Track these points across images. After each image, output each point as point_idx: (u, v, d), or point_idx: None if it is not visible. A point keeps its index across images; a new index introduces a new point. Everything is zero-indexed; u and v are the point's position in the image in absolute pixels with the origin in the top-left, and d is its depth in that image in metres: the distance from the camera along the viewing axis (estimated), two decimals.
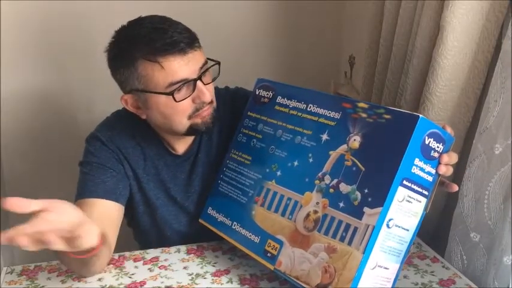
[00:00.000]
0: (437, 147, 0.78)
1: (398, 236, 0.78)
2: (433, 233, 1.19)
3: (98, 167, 0.99)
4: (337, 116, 0.85)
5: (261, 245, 0.88)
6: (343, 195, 0.80)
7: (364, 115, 0.82)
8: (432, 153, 0.78)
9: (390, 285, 0.79)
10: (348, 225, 0.78)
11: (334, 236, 0.79)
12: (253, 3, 1.62)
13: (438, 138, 0.78)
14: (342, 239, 0.77)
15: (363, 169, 0.79)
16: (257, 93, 1.01)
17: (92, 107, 1.55)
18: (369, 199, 0.76)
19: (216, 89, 1.12)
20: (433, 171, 0.79)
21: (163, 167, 1.06)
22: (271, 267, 0.85)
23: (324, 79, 1.73)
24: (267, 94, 0.99)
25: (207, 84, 0.95)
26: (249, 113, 1.01)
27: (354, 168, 0.80)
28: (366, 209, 0.76)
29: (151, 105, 0.94)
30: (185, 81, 0.91)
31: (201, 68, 0.93)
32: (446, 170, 0.80)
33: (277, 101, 0.97)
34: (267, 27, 1.67)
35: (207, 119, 0.97)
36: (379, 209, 0.74)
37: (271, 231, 0.87)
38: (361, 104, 0.83)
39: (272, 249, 0.86)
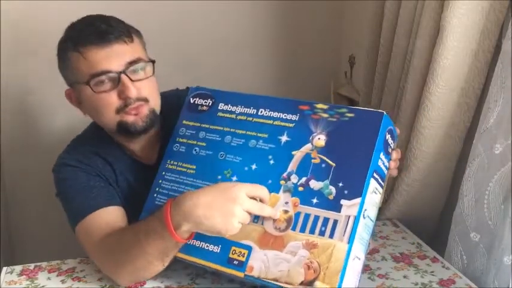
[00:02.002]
0: (392, 143, 0.85)
1: (368, 226, 0.81)
2: (433, 233, 1.19)
3: (81, 187, 0.97)
4: (294, 118, 0.87)
5: (224, 254, 0.83)
6: (315, 192, 0.81)
7: (325, 115, 0.85)
8: (389, 149, 0.84)
9: (359, 278, 0.80)
10: (326, 220, 0.79)
11: (312, 232, 0.79)
12: (253, 3, 1.62)
13: (392, 135, 0.85)
14: (322, 233, 0.78)
15: (334, 165, 0.81)
16: (192, 101, 0.97)
17: None
18: (345, 192, 0.79)
19: (177, 91, 1.10)
20: (387, 165, 0.85)
21: (135, 180, 1.03)
22: (241, 275, 0.81)
23: (324, 79, 1.73)
24: (205, 102, 0.96)
25: (135, 80, 0.92)
26: (184, 122, 0.96)
27: (324, 165, 0.82)
28: (343, 201, 0.79)
29: (82, 98, 0.95)
30: (106, 73, 0.90)
31: (130, 63, 0.92)
32: (395, 165, 0.87)
33: (219, 108, 0.94)
34: (267, 27, 1.67)
35: (138, 119, 0.94)
36: (358, 200, 0.78)
37: (234, 238, 0.82)
38: (320, 105, 0.86)
39: (239, 255, 0.82)
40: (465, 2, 0.93)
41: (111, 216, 0.95)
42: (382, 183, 0.84)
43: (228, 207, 0.77)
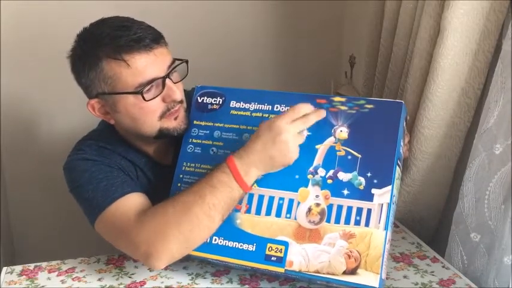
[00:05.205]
0: (405, 130, 0.88)
1: (394, 210, 0.84)
2: (433, 233, 1.19)
3: (105, 176, 0.93)
4: None
5: (260, 252, 0.84)
6: (344, 183, 0.83)
7: (343, 108, 0.87)
8: (404, 135, 0.87)
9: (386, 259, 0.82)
10: (359, 209, 0.82)
11: (347, 222, 0.82)
12: (253, 3, 1.62)
13: (406, 122, 0.88)
14: (357, 223, 0.81)
15: (359, 156, 0.84)
16: (200, 100, 0.97)
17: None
18: (375, 181, 0.82)
19: (185, 91, 1.10)
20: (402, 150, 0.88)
21: (154, 177, 1.02)
22: (281, 270, 0.83)
23: (324, 79, 1.73)
24: (215, 100, 0.95)
25: (176, 82, 0.92)
26: (195, 122, 0.95)
27: (350, 157, 0.84)
28: (374, 191, 0.82)
29: (119, 108, 0.91)
30: (155, 80, 0.88)
31: (169, 66, 0.91)
32: (407, 148, 0.89)
33: (231, 105, 0.94)
34: (267, 27, 1.67)
35: (179, 123, 0.93)
36: (389, 187, 0.81)
37: (269, 235, 0.85)
38: (338, 98, 0.88)
39: (276, 252, 0.83)
40: (465, 2, 0.93)
41: (144, 199, 0.92)
42: (401, 169, 0.87)
43: (279, 140, 0.82)
